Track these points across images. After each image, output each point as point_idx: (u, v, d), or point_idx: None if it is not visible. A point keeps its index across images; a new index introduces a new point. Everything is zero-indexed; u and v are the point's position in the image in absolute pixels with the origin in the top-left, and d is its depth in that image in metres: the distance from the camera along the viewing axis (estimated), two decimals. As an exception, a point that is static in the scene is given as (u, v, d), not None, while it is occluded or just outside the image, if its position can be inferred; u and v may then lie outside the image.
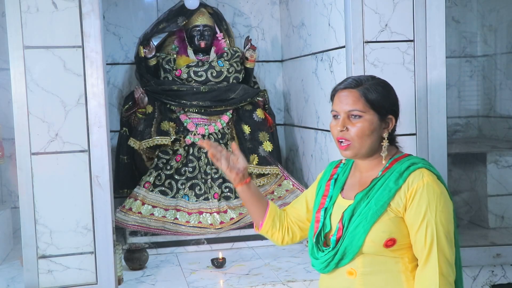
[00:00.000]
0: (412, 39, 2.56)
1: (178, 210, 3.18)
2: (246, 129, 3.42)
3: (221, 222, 3.13)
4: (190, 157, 3.33)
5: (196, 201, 3.24)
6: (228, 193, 3.30)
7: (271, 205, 1.93)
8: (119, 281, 2.51)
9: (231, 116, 3.47)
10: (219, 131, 3.42)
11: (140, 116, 3.37)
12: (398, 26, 2.56)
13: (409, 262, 1.67)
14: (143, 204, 3.17)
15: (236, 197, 3.31)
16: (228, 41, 3.62)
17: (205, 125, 3.40)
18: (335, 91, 1.75)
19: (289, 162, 3.81)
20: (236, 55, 3.52)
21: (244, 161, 1.85)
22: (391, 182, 1.65)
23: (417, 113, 2.56)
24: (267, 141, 3.42)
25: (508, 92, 3.65)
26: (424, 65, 2.55)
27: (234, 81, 3.46)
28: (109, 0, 3.62)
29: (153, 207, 3.17)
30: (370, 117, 1.68)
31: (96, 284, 2.36)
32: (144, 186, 3.24)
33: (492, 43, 3.76)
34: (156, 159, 3.33)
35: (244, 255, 3.01)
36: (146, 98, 3.35)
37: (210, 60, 3.47)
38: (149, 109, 3.37)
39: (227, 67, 3.45)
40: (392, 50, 2.56)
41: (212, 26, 3.52)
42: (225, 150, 1.86)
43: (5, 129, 3.18)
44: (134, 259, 2.79)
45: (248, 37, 3.52)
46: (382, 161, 1.72)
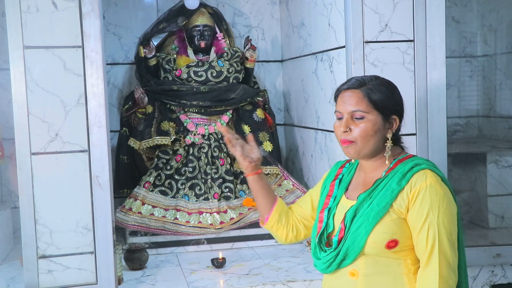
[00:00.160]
0: (412, 39, 2.56)
1: (178, 210, 3.18)
2: (246, 129, 3.42)
3: (221, 222, 3.13)
4: (190, 157, 3.33)
5: (196, 201, 3.24)
6: (228, 193, 3.30)
7: (279, 200, 1.93)
8: (119, 281, 2.51)
9: (231, 116, 3.47)
10: (219, 131, 3.41)
11: (140, 116, 3.37)
12: (398, 26, 2.56)
13: (412, 264, 1.66)
14: (143, 204, 3.17)
15: (236, 197, 3.31)
16: (228, 41, 3.62)
17: (205, 125, 3.40)
18: (339, 91, 1.74)
19: (289, 162, 3.81)
20: (236, 55, 3.52)
21: (259, 153, 1.88)
22: (394, 183, 1.64)
23: (417, 113, 2.55)
24: (267, 141, 3.42)
25: (508, 92, 3.64)
26: (424, 65, 2.55)
27: (234, 81, 3.46)
28: (109, 0, 3.62)
29: (153, 207, 3.17)
30: (373, 117, 1.67)
31: (96, 284, 2.36)
32: (144, 186, 3.24)
33: (492, 43, 3.76)
34: (156, 159, 3.33)
35: (244, 255, 3.01)
36: (146, 98, 3.35)
37: (210, 60, 3.46)
38: (149, 109, 3.37)
39: (227, 67, 3.45)
40: (392, 50, 2.56)
41: (212, 26, 3.52)
42: (241, 138, 1.88)
43: (5, 129, 3.18)
44: (134, 259, 2.79)
45: (248, 37, 3.52)
46: (386, 161, 1.71)
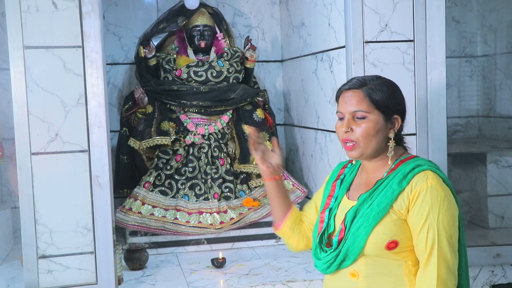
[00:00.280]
0: (412, 39, 2.56)
1: (178, 210, 3.17)
2: (246, 129, 3.42)
3: (221, 222, 3.13)
4: (190, 157, 3.33)
5: (196, 201, 3.24)
6: (228, 193, 3.30)
7: (293, 208, 1.91)
8: (119, 281, 2.51)
9: (231, 116, 3.47)
10: (219, 131, 3.42)
11: (140, 116, 3.37)
12: (398, 26, 2.56)
13: (413, 265, 1.65)
14: (143, 204, 3.17)
15: (236, 197, 3.31)
16: (228, 41, 3.62)
17: (205, 125, 3.40)
18: (340, 92, 1.74)
19: (289, 162, 3.81)
20: (236, 55, 3.52)
21: (280, 159, 1.86)
22: (395, 184, 1.64)
23: (417, 113, 2.55)
24: (267, 141, 3.42)
25: (508, 92, 3.65)
26: (424, 65, 2.55)
27: (234, 81, 3.46)
28: (109, 0, 3.62)
29: (153, 207, 3.17)
30: (375, 117, 1.67)
31: (96, 284, 2.35)
32: (144, 186, 3.24)
33: (492, 43, 3.76)
34: (156, 159, 3.33)
35: (244, 255, 3.01)
36: (146, 98, 3.35)
37: (210, 60, 3.46)
38: (149, 109, 3.37)
39: (227, 67, 3.45)
40: (392, 50, 2.56)
41: (212, 26, 3.52)
42: (265, 144, 1.88)
43: (5, 129, 3.18)
44: (134, 259, 2.79)
45: (248, 37, 3.52)
46: (389, 161, 1.70)
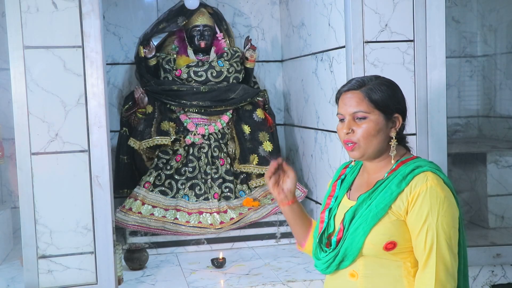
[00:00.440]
0: (412, 39, 2.56)
1: (178, 210, 3.17)
2: (246, 129, 3.42)
3: (221, 222, 3.13)
4: (190, 157, 3.33)
5: (196, 201, 3.24)
6: (228, 193, 3.30)
7: (314, 223, 1.88)
8: (119, 281, 2.51)
9: (231, 116, 3.47)
10: (219, 131, 3.42)
11: (140, 116, 3.37)
12: (398, 26, 2.56)
13: (412, 266, 1.65)
14: (143, 204, 3.17)
15: (236, 197, 3.31)
16: (228, 41, 3.61)
17: (205, 125, 3.40)
18: (339, 93, 1.74)
19: (289, 162, 3.79)
20: (236, 55, 3.52)
21: (292, 183, 1.80)
22: (394, 185, 1.64)
23: (417, 113, 2.55)
24: (267, 141, 3.42)
25: (508, 92, 3.65)
26: (424, 65, 2.55)
27: (234, 81, 3.46)
28: (109, 0, 3.62)
29: (153, 207, 3.17)
30: (375, 117, 1.66)
31: (96, 284, 2.36)
32: (144, 186, 3.24)
33: (492, 43, 3.76)
34: (156, 159, 3.33)
35: (244, 255, 3.01)
36: (146, 98, 3.35)
37: (210, 60, 3.46)
38: (149, 109, 3.37)
39: (227, 67, 3.45)
40: (392, 50, 2.56)
41: (212, 26, 3.51)
42: (284, 168, 1.80)
43: (5, 129, 3.18)
44: (134, 259, 2.79)
45: (248, 37, 3.52)
46: (391, 160, 1.70)
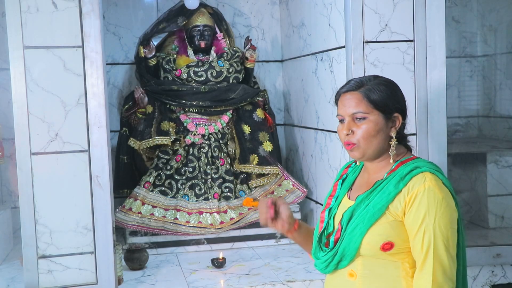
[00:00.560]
0: (412, 39, 2.56)
1: (178, 210, 3.17)
2: (246, 129, 3.42)
3: (221, 222, 3.13)
4: (190, 157, 3.33)
5: (196, 201, 3.24)
6: (228, 193, 3.30)
7: None
8: (119, 281, 2.51)
9: (231, 116, 3.47)
10: (219, 131, 3.41)
11: (140, 116, 3.37)
12: (398, 26, 2.56)
13: (410, 267, 1.65)
14: (143, 204, 3.17)
15: (236, 197, 3.31)
16: (228, 41, 3.61)
17: (205, 125, 3.40)
18: (338, 95, 1.74)
19: (289, 162, 3.81)
20: (236, 55, 3.52)
21: (286, 209, 1.78)
22: (391, 186, 1.64)
23: (417, 113, 2.55)
24: (267, 141, 3.42)
25: (508, 92, 3.65)
26: (424, 65, 2.55)
27: (234, 81, 3.46)
28: (109, 0, 3.62)
29: (153, 207, 3.17)
30: (374, 117, 1.67)
31: (96, 284, 2.36)
32: (144, 186, 3.24)
33: (492, 43, 3.76)
34: (156, 159, 3.33)
35: (244, 255, 3.01)
36: (146, 98, 3.35)
37: (210, 60, 3.46)
38: (149, 109, 3.37)
39: (227, 67, 3.45)
40: (392, 50, 2.56)
41: (212, 26, 3.51)
42: (276, 204, 1.78)
43: (5, 129, 3.18)
44: (134, 259, 2.79)
45: (248, 37, 3.52)
46: (390, 160, 1.70)
